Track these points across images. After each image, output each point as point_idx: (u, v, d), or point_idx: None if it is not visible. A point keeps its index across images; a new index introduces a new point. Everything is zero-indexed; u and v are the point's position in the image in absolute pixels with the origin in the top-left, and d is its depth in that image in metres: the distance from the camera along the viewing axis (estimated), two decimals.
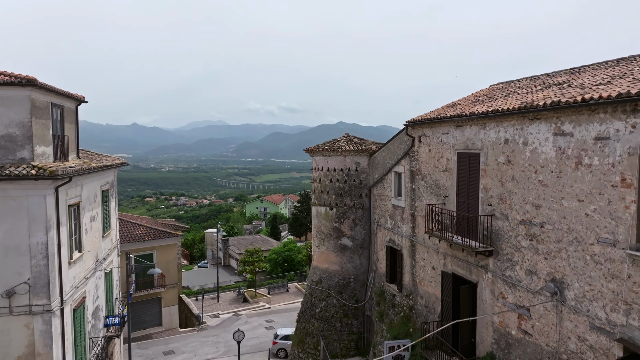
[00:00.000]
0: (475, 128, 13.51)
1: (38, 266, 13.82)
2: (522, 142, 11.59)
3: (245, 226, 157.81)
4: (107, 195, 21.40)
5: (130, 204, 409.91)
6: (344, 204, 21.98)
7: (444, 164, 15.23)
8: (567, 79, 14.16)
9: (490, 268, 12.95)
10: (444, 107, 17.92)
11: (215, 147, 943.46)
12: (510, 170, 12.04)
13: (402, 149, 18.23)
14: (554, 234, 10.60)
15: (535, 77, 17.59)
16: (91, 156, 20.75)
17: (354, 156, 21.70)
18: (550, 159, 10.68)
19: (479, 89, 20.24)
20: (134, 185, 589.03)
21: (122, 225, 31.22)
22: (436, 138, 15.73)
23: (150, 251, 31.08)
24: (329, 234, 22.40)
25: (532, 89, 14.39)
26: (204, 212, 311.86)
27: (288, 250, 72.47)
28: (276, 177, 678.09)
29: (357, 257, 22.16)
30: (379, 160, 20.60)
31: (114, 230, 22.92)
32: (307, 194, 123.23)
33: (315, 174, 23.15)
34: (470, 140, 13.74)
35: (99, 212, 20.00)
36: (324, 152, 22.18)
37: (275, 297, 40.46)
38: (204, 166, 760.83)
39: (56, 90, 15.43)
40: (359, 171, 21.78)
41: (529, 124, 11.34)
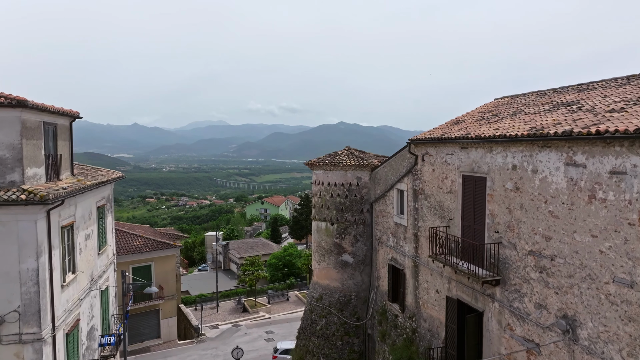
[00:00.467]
0: (481, 151, 13.03)
1: (28, 293, 13.36)
2: (531, 169, 11.10)
3: (246, 228, 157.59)
4: (103, 211, 20.94)
5: (131, 205, 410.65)
6: (344, 220, 21.50)
7: (449, 185, 14.75)
8: (576, 98, 13.68)
9: (497, 297, 12.46)
10: (447, 123, 17.44)
11: (216, 147, 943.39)
12: (519, 197, 11.55)
13: (405, 167, 17.75)
14: (566, 269, 10.12)
15: (542, 93, 17.10)
16: (86, 172, 20.29)
17: (355, 171, 21.22)
18: (561, 189, 10.19)
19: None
20: (134, 185, 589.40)
21: (119, 236, 30.77)
22: (440, 158, 15.24)
23: (148, 262, 30.62)
24: (330, 250, 21.92)
25: (540, 108, 13.91)
26: (205, 213, 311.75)
27: (288, 255, 72.07)
28: (277, 177, 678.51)
29: (359, 273, 21.68)
30: (380, 175, 20.11)
31: (110, 246, 22.46)
32: (307, 196, 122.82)
33: (315, 188, 22.67)
34: (476, 164, 13.25)
35: (94, 229, 19.54)
36: (325, 166, 21.70)
37: (275, 307, 40.01)
38: (205, 166, 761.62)
39: (48, 109, 14.97)
40: (360, 186, 21.30)
41: (539, 151, 10.85)
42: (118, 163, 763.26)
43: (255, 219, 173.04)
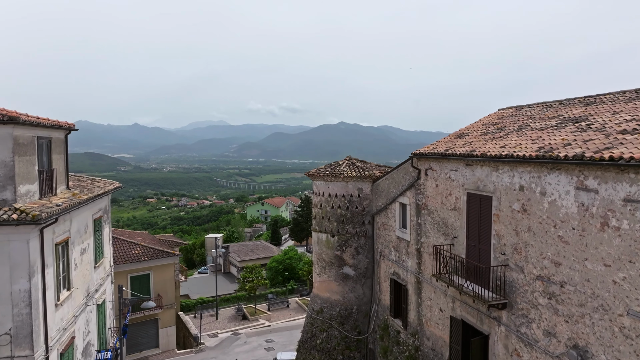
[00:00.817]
0: (486, 169, 12.63)
1: (20, 315, 12.98)
2: (540, 191, 10.71)
3: (246, 229, 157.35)
4: (99, 223, 20.56)
5: (131, 205, 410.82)
6: (345, 232, 21.10)
7: (453, 202, 14.35)
8: (584, 113, 13.29)
9: (503, 321, 12.07)
10: (451, 137, 17.05)
11: (217, 147, 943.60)
12: (526, 219, 11.16)
13: (407, 180, 17.35)
14: (576, 297, 9.72)
15: (547, 105, 16.70)
16: (82, 184, 19.90)
17: (357, 182, 20.82)
18: (571, 214, 9.80)
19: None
20: (135, 185, 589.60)
21: (117, 245, 30.40)
22: (444, 174, 14.85)
23: (146, 271, 30.24)
24: (331, 262, 21.52)
25: (547, 123, 13.52)
26: (205, 213, 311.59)
27: (289, 259, 71.71)
28: (277, 178, 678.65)
29: (360, 286, 21.29)
30: (382, 187, 19.72)
31: (107, 258, 22.07)
32: (307, 198, 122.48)
33: (316, 199, 22.28)
34: (482, 182, 12.86)
35: (91, 242, 19.17)
36: (325, 177, 21.31)
37: (276, 314, 39.61)
38: (205, 166, 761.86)
39: (42, 123, 14.59)
40: (361, 197, 20.90)
41: (548, 173, 10.46)
42: (118, 163, 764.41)
43: (256, 220, 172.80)
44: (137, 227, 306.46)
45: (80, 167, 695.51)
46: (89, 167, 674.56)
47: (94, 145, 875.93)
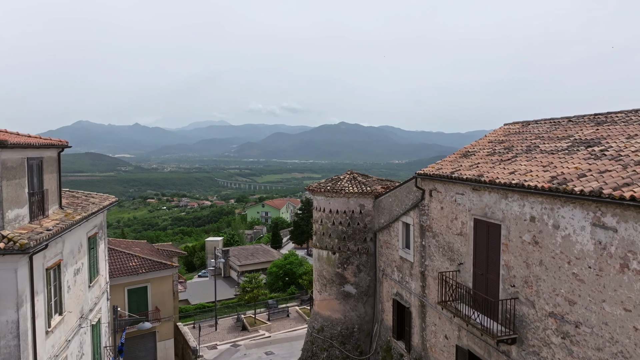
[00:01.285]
0: (495, 196, 12.07)
1: (8, 347, 12.43)
2: (552, 224, 10.15)
3: (247, 231, 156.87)
4: (94, 241, 20.01)
5: (132, 205, 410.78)
6: (347, 249, 20.55)
7: (459, 227, 13.79)
8: (596, 134, 12.73)
9: (513, 356, 11.51)
10: (457, 155, 16.48)
11: (217, 148, 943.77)
12: (538, 252, 10.60)
13: (411, 199, 16.80)
14: (593, 340, 9.17)
15: (556, 122, 16.14)
16: (76, 201, 19.35)
17: (358, 198, 20.27)
18: (587, 252, 9.24)
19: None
20: (135, 185, 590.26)
21: (114, 257, 29.86)
22: (449, 196, 14.29)
23: (144, 284, 29.67)
24: (332, 280, 20.97)
25: (557, 145, 12.95)
26: (206, 214, 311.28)
27: (289, 264, 71.21)
28: (278, 178, 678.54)
29: (362, 305, 20.73)
30: (385, 204, 19.16)
31: (102, 275, 21.53)
32: (308, 201, 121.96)
33: (316, 214, 21.73)
34: (490, 209, 12.30)
35: (85, 261, 18.62)
36: (326, 192, 20.76)
37: (276, 324, 39.04)
38: (206, 166, 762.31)
39: (33, 144, 14.05)
40: (363, 214, 20.35)
41: (561, 206, 9.90)
42: (119, 163, 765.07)
43: (256, 222, 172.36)
44: (137, 228, 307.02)
45: (81, 167, 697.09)
46: (89, 167, 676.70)
47: (94, 146, 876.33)
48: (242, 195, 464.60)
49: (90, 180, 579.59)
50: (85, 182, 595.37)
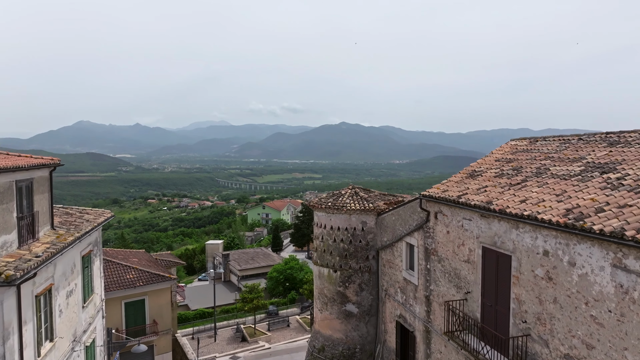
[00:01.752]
0: (505, 225, 11.48)
1: None
2: (568, 261, 9.56)
3: (247, 233, 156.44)
4: (88, 259, 19.44)
5: (133, 206, 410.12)
6: (348, 267, 19.96)
7: (466, 253, 13.20)
8: (609, 157, 12.14)
9: None
10: (463, 175, 15.88)
11: (218, 148, 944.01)
12: (552, 289, 10.01)
13: (415, 220, 16.21)
14: None
15: (565, 140, 15.55)
16: (70, 219, 18.77)
17: (360, 215, 19.68)
18: (607, 294, 8.64)
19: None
20: (136, 186, 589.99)
21: (111, 269, 29.31)
22: (456, 220, 13.70)
23: (141, 297, 29.10)
24: (333, 299, 20.38)
25: (569, 169, 12.35)
26: (206, 215, 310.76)
27: (290, 269, 70.71)
28: (278, 178, 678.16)
29: (364, 324, 20.14)
30: (388, 223, 18.57)
31: (97, 293, 20.95)
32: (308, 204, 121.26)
33: (317, 230, 21.14)
34: (499, 238, 11.70)
35: (79, 281, 18.05)
36: (327, 209, 20.17)
37: (276, 334, 38.47)
38: (207, 166, 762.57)
39: (22, 167, 13.48)
40: (365, 231, 19.76)
41: (577, 242, 9.31)
42: (120, 163, 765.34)
43: (257, 223, 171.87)
44: (138, 228, 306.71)
45: (81, 168, 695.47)
46: (90, 168, 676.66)
47: (95, 146, 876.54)
48: (243, 195, 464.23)
49: (91, 181, 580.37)
50: (86, 182, 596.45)
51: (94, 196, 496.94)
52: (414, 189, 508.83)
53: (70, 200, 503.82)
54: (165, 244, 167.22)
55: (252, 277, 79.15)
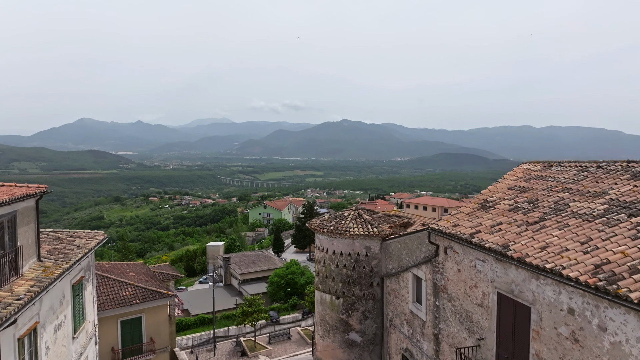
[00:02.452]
0: (523, 273, 10.54)
1: None
2: (597, 324, 8.62)
3: (248, 234, 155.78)
4: (80, 286, 18.57)
5: (134, 203, 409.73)
6: (352, 294, 19.05)
7: (479, 296, 12.26)
8: (635, 193, 11.20)
9: None
10: (474, 203, 14.93)
11: (220, 145, 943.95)
12: (578, 352, 9.07)
13: (423, 252, 15.27)
14: None
15: (583, 167, 14.58)
16: (59, 246, 17.85)
17: (364, 240, 18.75)
18: None
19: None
20: (138, 183, 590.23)
21: (107, 286, 28.45)
22: (468, 259, 12.75)
23: (138, 314, 28.23)
24: (335, 326, 19.48)
25: (591, 207, 11.39)
26: (208, 212, 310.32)
27: (291, 273, 69.92)
28: (280, 175, 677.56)
29: (367, 354, 19.24)
30: (393, 250, 17.64)
31: (89, 320, 20.08)
32: (310, 205, 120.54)
33: (319, 254, 20.23)
34: (517, 286, 10.77)
35: (69, 312, 17.18)
36: (329, 233, 19.25)
37: (277, 348, 37.60)
38: (208, 164, 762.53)
39: (3, 202, 12.58)
40: (369, 257, 18.83)
41: (609, 306, 8.37)
42: (122, 161, 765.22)
43: (258, 223, 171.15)
44: (139, 226, 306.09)
45: (83, 165, 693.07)
46: (92, 165, 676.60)
47: (97, 143, 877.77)
48: (245, 193, 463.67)
49: (93, 178, 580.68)
50: (88, 180, 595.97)
51: (96, 194, 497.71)
52: (416, 186, 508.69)
53: (72, 198, 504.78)
54: (166, 244, 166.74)
55: (253, 281, 78.41)
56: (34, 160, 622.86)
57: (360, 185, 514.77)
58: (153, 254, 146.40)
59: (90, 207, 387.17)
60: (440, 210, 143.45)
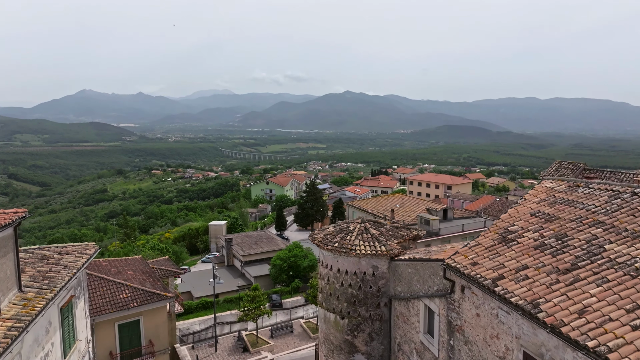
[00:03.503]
0: (556, 339, 9.28)
1: None
2: None
3: (250, 210, 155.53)
4: (69, 307, 17.51)
5: (137, 176, 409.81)
6: (357, 314, 17.94)
7: (501, 349, 11.07)
8: None
9: None
10: (494, 234, 13.55)
11: (222, 117, 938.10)
12: None
13: (436, 284, 14.03)
14: None
15: (615, 192, 13.15)
16: (45, 267, 16.64)
17: (371, 259, 17.52)
18: None
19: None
20: (140, 155, 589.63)
21: (103, 288, 27.57)
22: (489, 306, 11.50)
23: (136, 317, 27.43)
24: (340, 347, 18.48)
25: (633, 258, 10.06)
26: (211, 186, 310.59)
27: (294, 256, 69.40)
28: (282, 148, 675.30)
29: None
30: (403, 273, 16.43)
31: (81, 340, 19.11)
32: (313, 184, 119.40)
33: (322, 270, 19.06)
34: (548, 351, 9.53)
35: (57, 338, 16.17)
36: (333, 250, 18.00)
37: (279, 343, 37.07)
38: (210, 136, 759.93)
39: None
40: (376, 276, 17.64)
41: None
42: (124, 133, 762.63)
43: (260, 200, 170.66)
44: (143, 199, 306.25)
45: (85, 137, 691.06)
46: (94, 137, 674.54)
47: (99, 115, 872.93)
48: (247, 166, 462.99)
49: (95, 151, 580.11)
50: (91, 152, 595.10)
51: (99, 166, 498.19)
52: (418, 159, 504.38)
53: (75, 170, 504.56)
54: (169, 219, 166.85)
55: (256, 263, 78.10)
56: (36, 133, 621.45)
57: (362, 158, 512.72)
58: (156, 230, 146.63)
59: (94, 180, 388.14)
60: (444, 187, 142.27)
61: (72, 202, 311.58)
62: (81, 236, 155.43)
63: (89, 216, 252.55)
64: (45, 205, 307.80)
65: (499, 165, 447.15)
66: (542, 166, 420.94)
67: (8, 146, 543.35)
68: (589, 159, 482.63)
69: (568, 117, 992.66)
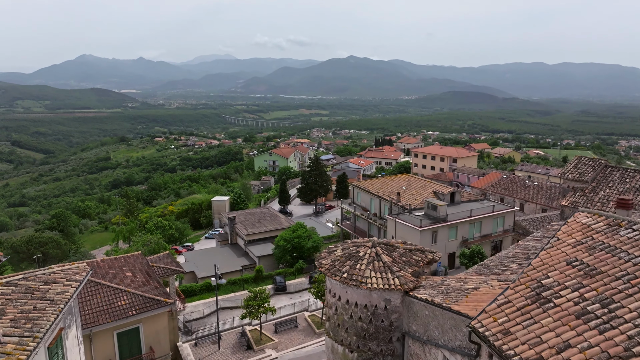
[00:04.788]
0: None
1: None
2: None
3: (253, 182, 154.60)
4: (59, 342, 16.33)
5: (140, 144, 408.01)
6: (368, 349, 16.71)
7: None
8: None
9: None
10: (525, 286, 11.99)
11: (224, 83, 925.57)
12: None
13: (458, 339, 12.65)
14: None
15: None
16: (28, 304, 15.33)
17: (383, 292, 16.13)
18: None
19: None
20: (143, 122, 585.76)
21: (101, 295, 26.50)
22: None
23: (135, 325, 26.47)
24: None
25: None
26: (214, 154, 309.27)
27: (297, 237, 68.60)
28: (285, 114, 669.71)
29: None
30: (419, 312, 15.05)
31: None
32: (317, 158, 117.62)
33: (330, 298, 17.72)
34: None
35: None
36: (342, 281, 16.59)
37: (283, 339, 36.35)
38: (213, 102, 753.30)
39: None
40: (389, 310, 16.29)
41: None
42: (125, 99, 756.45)
43: (263, 172, 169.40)
44: (146, 167, 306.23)
45: (87, 104, 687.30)
46: (96, 104, 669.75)
47: (99, 81, 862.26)
48: (250, 133, 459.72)
49: (97, 117, 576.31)
50: (93, 119, 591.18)
51: (101, 133, 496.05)
52: (423, 126, 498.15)
53: (78, 137, 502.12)
54: (172, 191, 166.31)
55: (260, 242, 77.50)
56: (37, 99, 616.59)
57: (366, 125, 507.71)
58: (160, 202, 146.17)
59: (97, 148, 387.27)
60: (449, 160, 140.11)
61: (76, 170, 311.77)
62: (85, 208, 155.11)
63: (93, 184, 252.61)
64: (50, 172, 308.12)
65: (503, 132, 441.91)
66: (547, 133, 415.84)
67: (10, 112, 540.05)
68: (595, 126, 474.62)
69: (576, 83, 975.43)
